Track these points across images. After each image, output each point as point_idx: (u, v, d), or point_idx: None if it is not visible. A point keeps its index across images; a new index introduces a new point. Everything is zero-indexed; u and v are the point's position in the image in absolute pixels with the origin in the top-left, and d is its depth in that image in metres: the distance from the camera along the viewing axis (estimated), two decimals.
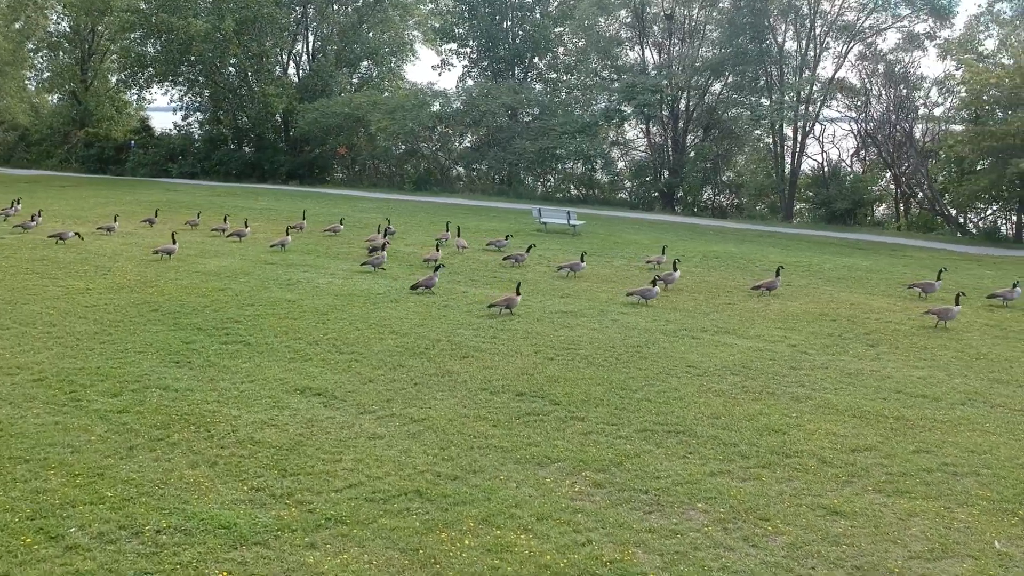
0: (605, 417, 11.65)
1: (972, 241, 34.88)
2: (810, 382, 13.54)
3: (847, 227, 37.63)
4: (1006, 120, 31.15)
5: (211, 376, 12.97)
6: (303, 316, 16.88)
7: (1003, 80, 31.14)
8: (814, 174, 42.75)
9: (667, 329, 16.81)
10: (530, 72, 53.91)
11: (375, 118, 49.02)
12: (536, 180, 50.05)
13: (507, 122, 49.34)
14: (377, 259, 22.27)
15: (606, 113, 46.31)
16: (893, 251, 30.41)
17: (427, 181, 50.82)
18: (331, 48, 57.00)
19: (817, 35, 41.12)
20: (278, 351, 14.41)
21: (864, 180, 39.83)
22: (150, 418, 11.12)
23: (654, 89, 42.26)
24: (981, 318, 18.64)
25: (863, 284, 22.81)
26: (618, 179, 47.51)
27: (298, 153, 55.21)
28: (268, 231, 28.68)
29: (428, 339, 15.41)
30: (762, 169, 46.44)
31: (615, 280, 22.17)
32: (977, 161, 33.85)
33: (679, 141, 45.95)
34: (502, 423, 11.35)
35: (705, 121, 45.94)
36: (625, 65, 47.94)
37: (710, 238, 32.21)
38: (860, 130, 41.49)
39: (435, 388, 12.74)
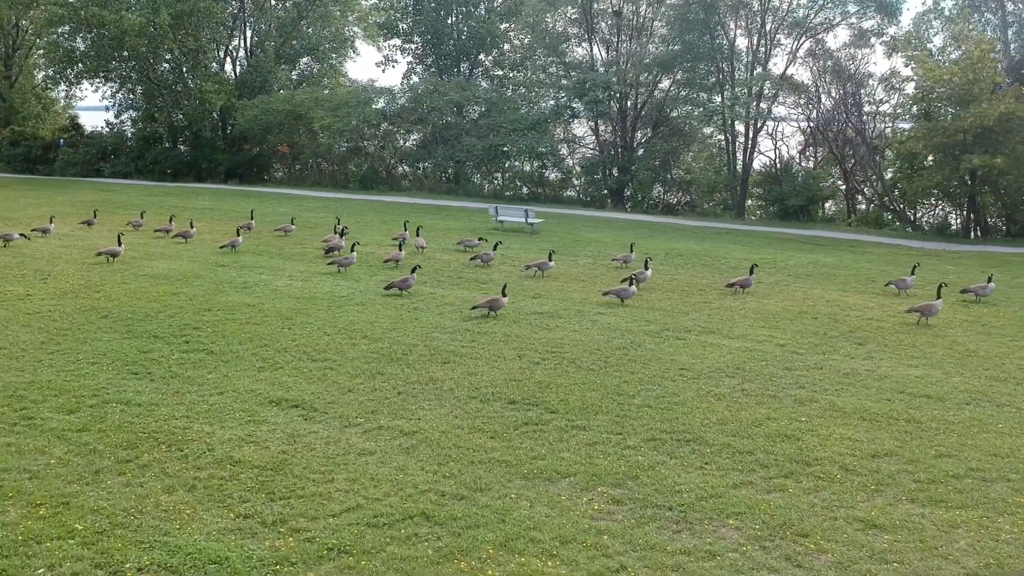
0: (608, 425, 10.95)
1: (924, 236, 35.12)
2: (809, 383, 13.03)
3: (801, 223, 37.64)
4: (959, 116, 31.29)
5: (175, 388, 11.93)
6: (266, 321, 15.86)
7: (955, 77, 31.29)
8: (766, 171, 42.76)
9: (649, 330, 16.19)
10: (476, 69, 53.09)
11: (318, 115, 47.74)
12: (484, 178, 49.23)
13: (454, 119, 48.47)
14: (346, 259, 21.28)
15: (556, 110, 45.72)
16: (852, 247, 30.36)
17: (372, 180, 49.66)
18: (270, 44, 55.37)
19: (768, 31, 41.11)
20: (245, 360, 13.40)
21: (817, 176, 39.90)
22: (114, 437, 10.07)
23: (605, 86, 41.80)
24: (959, 314, 18.43)
25: (832, 280, 22.55)
26: (569, 177, 46.93)
27: (237, 151, 53.55)
28: (215, 232, 27.42)
29: (404, 344, 14.55)
30: (711, 166, 46.36)
31: (584, 279, 21.52)
32: (927, 157, 33.98)
33: (628, 138, 45.60)
34: (500, 434, 10.57)
35: (654, 118, 45.67)
36: (573, 62, 47.44)
37: (669, 235, 31.80)
38: (809, 127, 41.58)
39: (420, 397, 11.90)
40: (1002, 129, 31.53)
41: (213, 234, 26.97)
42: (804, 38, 40.78)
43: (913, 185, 35.32)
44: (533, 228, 30.88)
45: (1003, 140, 31.93)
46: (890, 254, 28.48)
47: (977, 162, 30.80)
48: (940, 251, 30.16)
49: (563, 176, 47.16)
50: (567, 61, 47.38)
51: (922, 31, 39.54)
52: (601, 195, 44.80)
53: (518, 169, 48.11)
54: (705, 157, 46.84)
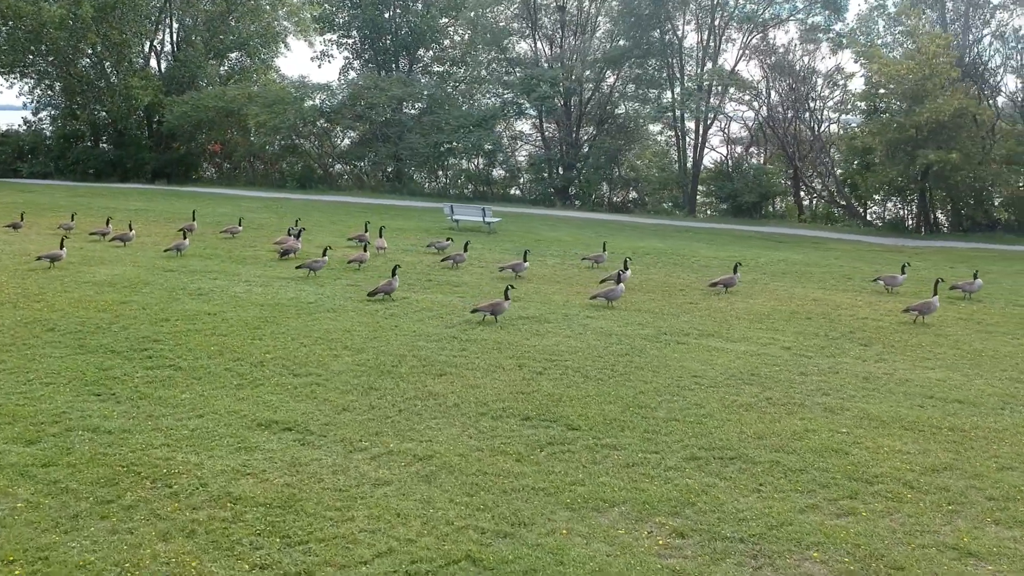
0: (639, 443, 9.98)
1: (877, 232, 35.10)
2: (831, 389, 12.28)
3: (753, 220, 37.35)
4: (914, 112, 31.23)
5: (147, 412, 10.56)
6: (233, 332, 14.49)
7: (910, 72, 31.22)
8: (716, 167, 42.42)
9: (646, 334, 15.30)
10: (416, 65, 51.73)
11: (252, 112, 45.94)
12: (427, 176, 47.95)
13: (395, 116, 47.08)
14: (316, 262, 19.92)
15: (503, 107, 44.70)
16: (814, 244, 30.08)
17: (310, 178, 47.99)
18: (197, 38, 53.13)
19: (717, 26, 40.75)
20: (219, 376, 12.07)
21: (769, 173, 39.67)
22: (87, 472, 8.72)
23: (552, 82, 40.92)
24: (949, 311, 18.00)
25: (809, 279, 22.04)
26: (516, 174, 45.94)
27: (165, 150, 51.34)
28: (154, 234, 25.75)
29: (390, 355, 13.36)
30: (656, 163, 45.90)
31: (560, 280, 20.58)
32: (879, 153, 33.89)
33: (574, 136, 44.85)
34: (526, 457, 9.51)
35: (602, 115, 44.99)
36: (517, 58, 46.48)
37: (629, 234, 31.09)
38: (759, 123, 41.37)
39: (425, 415, 10.76)
40: (954, 125, 31.62)
41: (153, 237, 25.30)
42: (753, 33, 40.55)
43: (867, 181, 35.26)
44: (491, 227, 29.83)
45: (955, 136, 32.01)
46: (854, 251, 28.22)
47: (933, 157, 30.79)
48: (901, 247, 30.06)
49: (510, 174, 46.13)
50: (511, 57, 46.40)
51: (867, 28, 39.60)
52: (547, 193, 43.91)
53: (463, 167, 46.92)
54: (651, 154, 46.35)
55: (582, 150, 45.16)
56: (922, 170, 31.99)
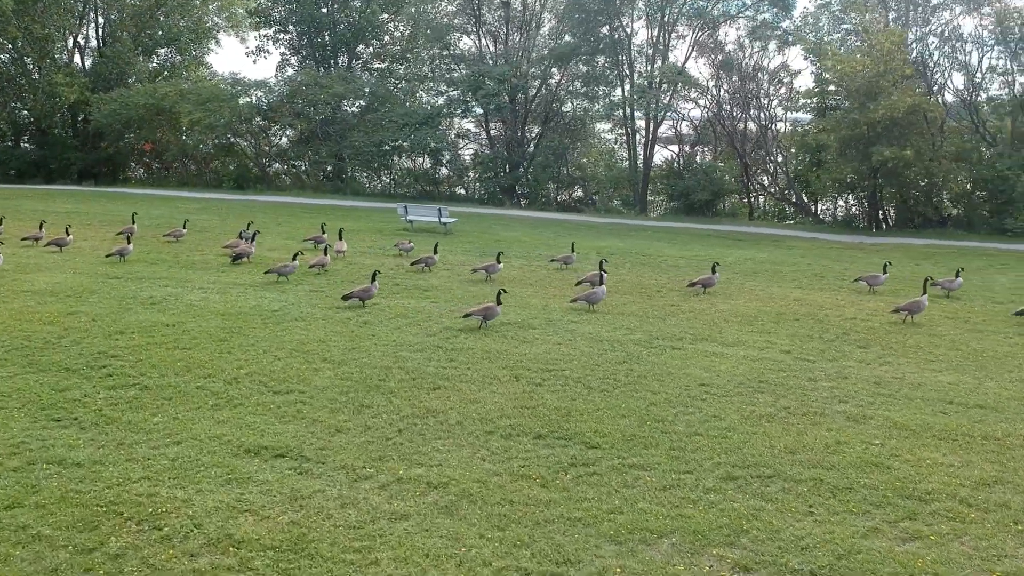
0: (667, 462, 9.21)
1: (833, 229, 35.03)
2: (846, 396, 11.69)
3: (706, 218, 37.06)
4: (869, 108, 31.17)
5: (117, 439, 9.42)
6: (197, 344, 13.33)
7: (866, 69, 31.17)
8: (668, 166, 42.07)
9: (637, 339, 14.58)
10: (355, 61, 50.36)
11: (185, 109, 44.10)
12: (371, 176, 46.68)
13: (337, 114, 45.72)
14: (286, 267, 18.74)
15: (449, 104, 43.70)
16: (775, 242, 29.82)
17: (246, 179, 46.35)
18: (125, 33, 50.92)
19: (667, 22, 40.36)
20: (191, 395, 10.95)
21: (721, 170, 39.41)
22: (61, 514, 7.60)
23: (500, 79, 40.06)
24: (934, 310, 17.67)
25: (782, 278, 21.64)
26: (463, 173, 44.96)
27: (92, 149, 49.07)
28: (91, 238, 24.24)
29: (374, 367, 12.38)
30: (604, 161, 45.41)
31: (532, 282, 19.78)
32: (831, 150, 33.76)
33: (520, 134, 44.09)
34: (551, 481, 8.66)
35: (547, 113, 44.30)
36: (462, 54, 45.51)
37: (586, 233, 30.44)
38: (709, 120, 41.16)
39: (428, 435, 9.84)
40: (907, 122, 31.70)
41: (90, 241, 23.79)
42: (703, 30, 40.28)
43: (821, 178, 35.22)
44: (447, 228, 28.87)
45: (906, 133, 32.11)
46: (815, 248, 28.02)
47: (888, 154, 30.78)
48: (860, 244, 29.98)
49: (456, 173, 45.14)
50: (455, 54, 45.42)
51: (813, 26, 39.67)
52: (495, 192, 43.06)
53: (409, 166, 45.79)
54: (598, 153, 45.84)
55: (528, 148, 44.40)
56: (877, 167, 31.98)
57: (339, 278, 19.37)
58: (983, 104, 36.14)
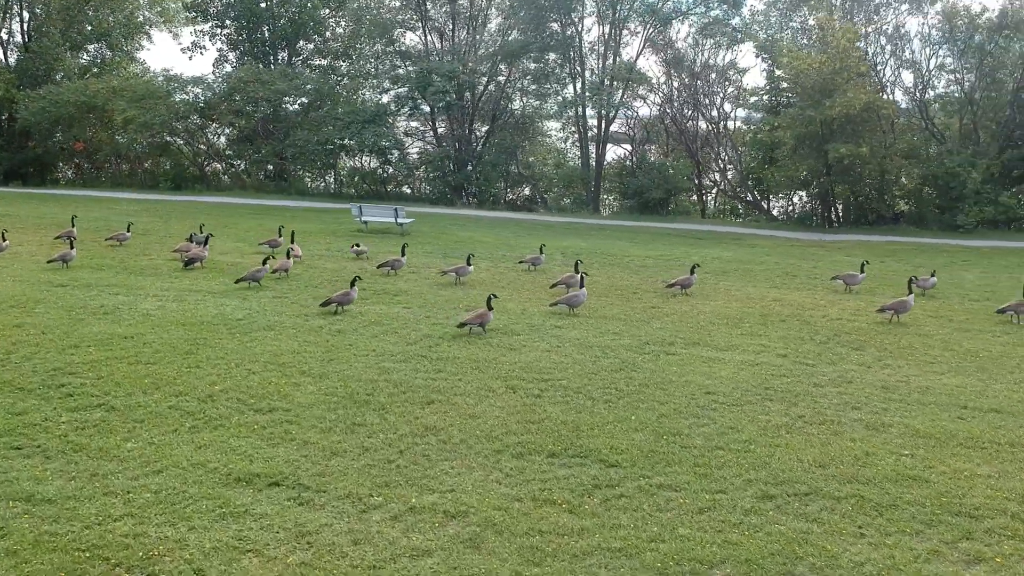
0: (695, 480, 8.61)
1: (788, 227, 34.97)
2: (857, 402, 11.26)
3: (660, 217, 36.78)
4: (825, 106, 31.14)
5: (89, 469, 8.48)
6: (161, 359, 12.33)
7: (823, 66, 31.13)
8: (620, 164, 41.69)
9: (626, 344, 14.00)
10: (296, 58, 48.98)
11: (119, 107, 42.35)
12: (315, 176, 45.41)
13: (279, 111, 44.37)
14: (258, 271, 17.71)
15: (397, 101, 42.69)
16: (736, 241, 29.61)
17: (184, 179, 44.74)
18: (52, 28, 48.71)
19: (619, 19, 39.94)
20: (164, 416, 10.01)
21: (676, 168, 39.14)
22: (38, 562, 6.69)
23: (450, 75, 39.22)
24: (916, 309, 17.41)
25: (753, 277, 21.36)
26: (413, 173, 43.97)
27: (18, 149, 46.88)
28: (26, 243, 22.82)
29: (358, 380, 11.56)
30: (553, 159, 44.88)
31: (504, 285, 19.08)
32: (788, 146, 33.65)
33: (468, 132, 43.32)
34: (576, 506, 7.99)
35: (495, 111, 43.58)
36: (408, 51, 44.52)
37: (544, 233, 29.82)
38: (661, 118, 40.90)
39: (433, 456, 9.08)
40: (861, 119, 31.77)
41: (27, 246, 22.38)
42: (655, 28, 39.97)
43: (777, 175, 35.17)
44: (403, 229, 28.01)
45: (860, 130, 32.19)
46: (777, 246, 27.86)
47: (844, 151, 30.80)
48: (820, 242, 29.93)
49: (406, 172, 44.13)
50: (400, 50, 44.40)
51: (760, 22, 39.68)
52: (444, 192, 42.19)
53: (355, 165, 44.65)
54: (547, 151, 45.29)
55: (477, 147, 43.66)
56: (833, 164, 31.99)
57: (301, 283, 18.44)
58: (932, 102, 36.50)
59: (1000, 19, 33.26)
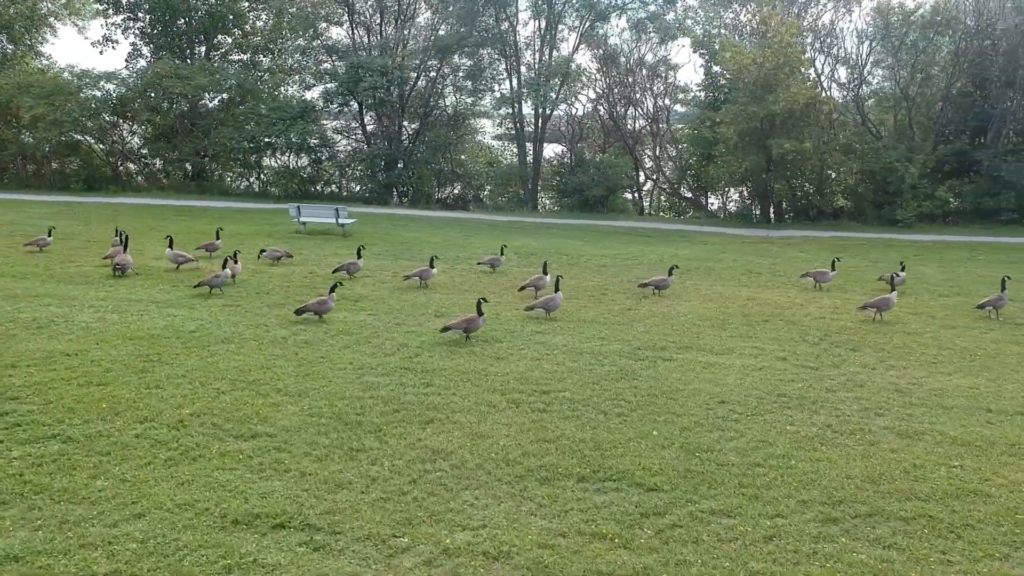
0: (746, 504, 7.85)
1: (731, 223, 34.72)
2: (878, 408, 10.70)
3: (600, 215, 36.20)
4: (768, 101, 30.93)
5: (57, 515, 7.26)
6: (114, 378, 11.00)
7: (766, 61, 30.91)
8: (559, 161, 40.94)
9: (617, 350, 13.22)
10: (214, 52, 46.83)
11: (26, 104, 39.77)
12: (238, 175, 43.47)
13: (199, 108, 42.34)
14: (217, 277, 16.31)
15: (326, 97, 41.11)
16: (685, 238, 29.20)
17: (97, 179, 42.33)
18: None
19: (554, 13, 39.18)
20: (132, 447, 8.78)
21: (616, 166, 38.55)
22: None
23: (382, 71, 37.88)
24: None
25: (719, 276, 20.89)
26: (344, 171, 42.39)
27: None
28: None
29: (343, 398, 10.48)
30: (485, 157, 43.95)
31: (466, 289, 18.13)
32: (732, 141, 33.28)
33: (400, 129, 42.07)
34: (629, 541, 7.13)
35: (426, 108, 42.40)
36: (334, 46, 42.95)
37: (488, 233, 28.95)
38: (599, 115, 40.33)
39: (450, 484, 8.11)
40: (802, 115, 31.70)
41: None
42: (591, 22, 39.34)
43: (716, 171, 34.89)
44: (345, 230, 26.72)
45: (800, 125, 32.14)
46: (732, 244, 27.52)
47: (788, 146, 30.66)
48: (769, 238, 29.71)
49: (338, 170, 42.55)
50: (328, 44, 42.82)
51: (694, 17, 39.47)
52: (378, 191, 40.77)
53: (281, 164, 42.88)
54: (480, 149, 44.31)
55: (408, 145, 42.42)
56: (777, 160, 31.86)
57: (251, 289, 17.13)
58: (867, 98, 36.78)
59: (932, 16, 33.69)
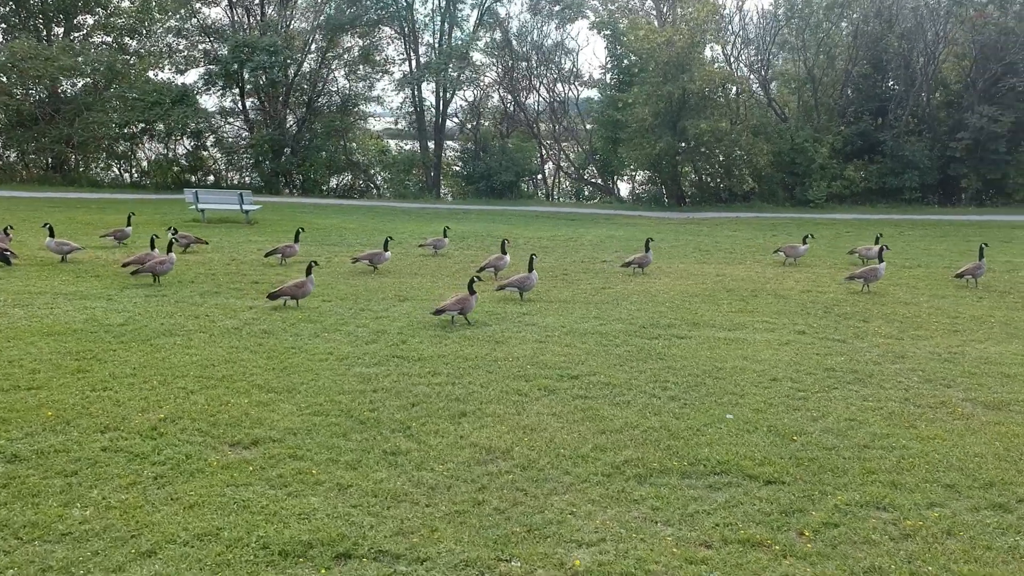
0: (892, 494, 6.63)
1: (647, 207, 33.85)
2: (941, 379, 9.77)
3: (511, 200, 34.85)
4: (681, 81, 30.20)
5: (36, 559, 5.40)
6: (48, 381, 8.89)
7: (680, 39, 30.16)
8: (463, 147, 39.21)
9: (620, 329, 11.95)
10: (76, 32, 42.90)
11: None
12: (108, 164, 39.85)
13: (66, 92, 38.63)
14: (160, 263, 14.09)
15: (209, 80, 38.11)
16: (610, 220, 28.28)
17: None
18: None
19: None
20: (104, 464, 6.85)
21: (523, 150, 37.13)
22: None
23: (271, 50, 35.26)
24: None
25: (671, 254, 20.10)
26: (233, 158, 39.41)
27: None
28: None
29: (344, 392, 8.76)
30: (378, 142, 41.85)
31: (418, 272, 16.59)
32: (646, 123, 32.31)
33: (293, 114, 39.54)
34: (791, 547, 5.78)
35: (316, 92, 39.95)
36: (214, 26, 39.90)
37: (407, 219, 27.19)
38: (503, 98, 38.98)
39: (529, 489, 6.57)
40: (711, 93, 31.20)
41: None
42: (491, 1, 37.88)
43: (629, 155, 33.99)
44: (249, 217, 24.42)
45: (708, 105, 31.64)
46: (660, 225, 26.89)
47: (704, 126, 30.04)
48: (694, 219, 29.05)
49: (226, 157, 39.53)
50: (206, 25, 39.77)
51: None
52: (265, 179, 38.04)
53: (159, 151, 39.55)
54: (371, 136, 42.14)
55: (294, 130, 39.88)
56: (694, 140, 31.21)
57: (170, 277, 14.93)
58: (772, 79, 36.69)
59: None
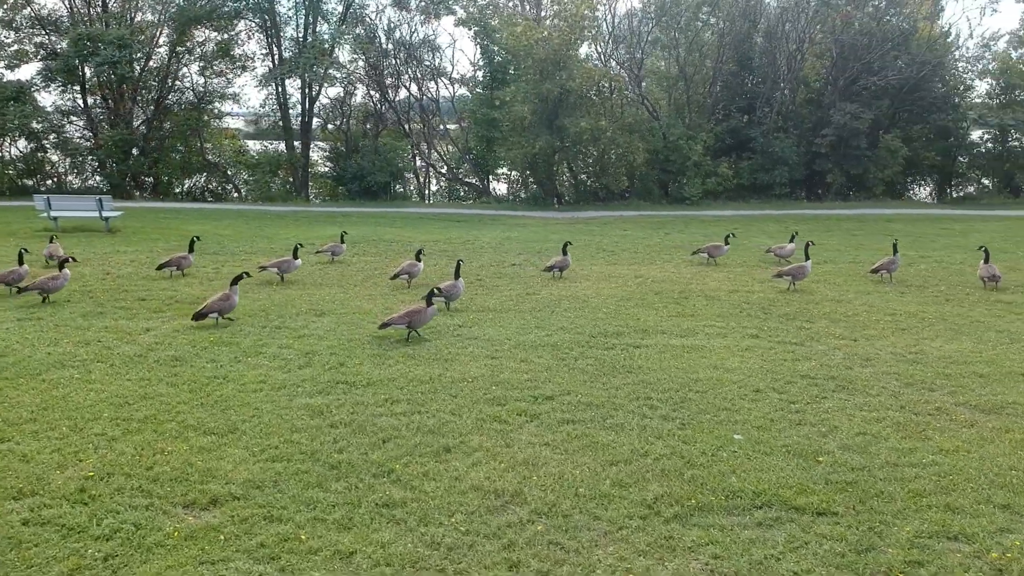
0: (950, 519, 6.08)
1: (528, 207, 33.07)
2: (921, 383, 9.36)
3: (386, 201, 33.54)
4: (559, 78, 29.61)
5: None
6: None
7: (555, 36, 29.51)
8: (333, 147, 37.35)
9: (568, 339, 11.10)
10: None
11: None
12: None
13: None
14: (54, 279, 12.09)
15: (45, 76, 34.86)
16: (497, 221, 27.44)
17: None
18: None
19: None
20: (28, 541, 5.53)
21: (396, 149, 35.70)
22: None
23: (120, 43, 32.54)
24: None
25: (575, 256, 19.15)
26: (77, 160, 36.15)
27: None
28: None
29: (297, 430, 7.58)
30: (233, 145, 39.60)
31: (321, 283, 15.30)
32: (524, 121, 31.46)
33: (141, 112, 36.79)
34: None
35: (166, 89, 37.29)
36: (50, 17, 36.53)
37: (278, 224, 25.57)
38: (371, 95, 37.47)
39: (567, 543, 5.67)
40: (586, 91, 30.86)
41: None
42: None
43: (506, 153, 33.19)
44: (109, 224, 22.27)
45: (589, 104, 31.33)
46: (548, 226, 26.39)
47: (584, 124, 29.63)
48: (582, 219, 28.56)
49: (70, 159, 36.23)
50: (42, 16, 36.39)
51: None
52: (115, 182, 35.09)
53: None
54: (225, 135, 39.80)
55: (144, 131, 37.13)
56: (575, 138, 30.70)
57: (37, 297, 13.06)
58: (644, 77, 36.65)
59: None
